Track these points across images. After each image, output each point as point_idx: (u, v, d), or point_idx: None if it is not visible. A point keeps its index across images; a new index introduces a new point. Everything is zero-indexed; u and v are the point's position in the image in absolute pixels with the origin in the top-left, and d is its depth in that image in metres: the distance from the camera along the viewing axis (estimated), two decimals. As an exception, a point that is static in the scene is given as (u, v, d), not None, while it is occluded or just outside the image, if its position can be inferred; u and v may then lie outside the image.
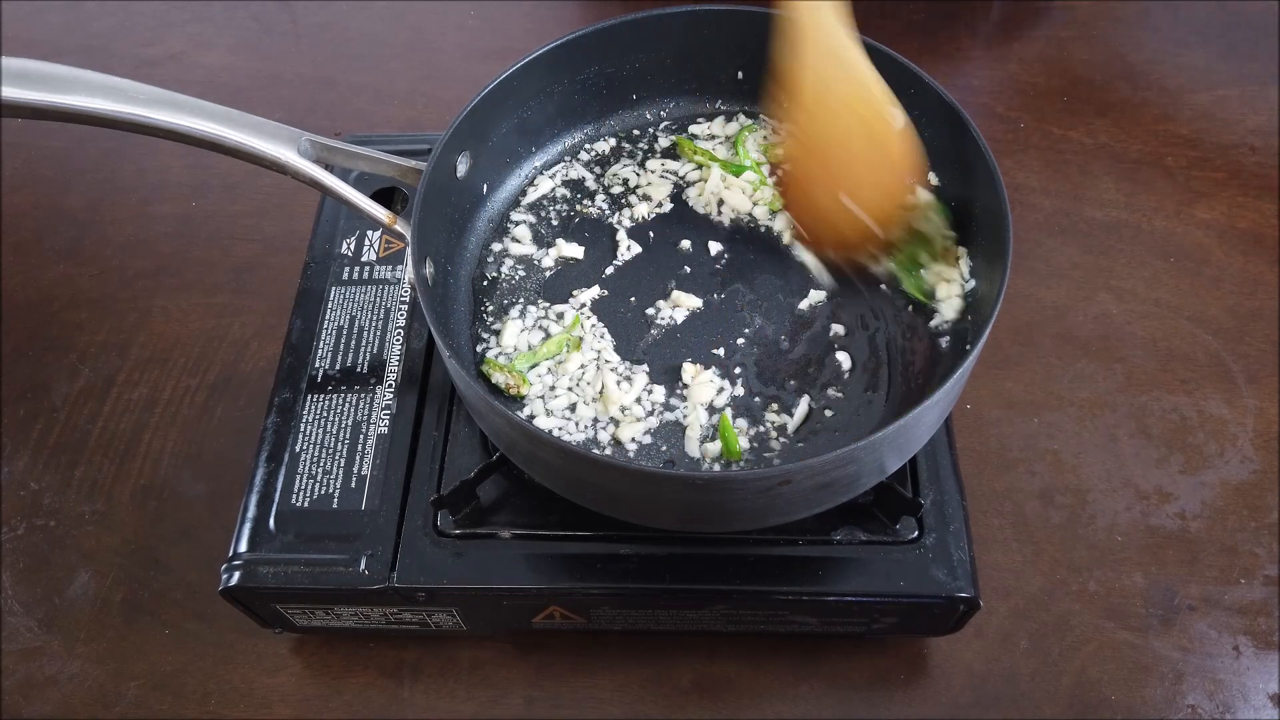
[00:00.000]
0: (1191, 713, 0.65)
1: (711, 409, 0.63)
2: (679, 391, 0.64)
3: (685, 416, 0.63)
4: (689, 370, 0.64)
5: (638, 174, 0.75)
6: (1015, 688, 0.66)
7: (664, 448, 0.62)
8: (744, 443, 0.61)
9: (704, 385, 0.63)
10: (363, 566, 0.61)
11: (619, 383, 0.64)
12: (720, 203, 0.73)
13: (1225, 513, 0.73)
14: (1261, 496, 0.74)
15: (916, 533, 0.61)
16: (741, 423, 0.62)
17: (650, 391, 0.64)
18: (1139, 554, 0.71)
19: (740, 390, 0.64)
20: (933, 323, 0.66)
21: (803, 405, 0.63)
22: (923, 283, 0.67)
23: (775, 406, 0.63)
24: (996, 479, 0.75)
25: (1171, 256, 0.87)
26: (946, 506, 0.62)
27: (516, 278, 0.70)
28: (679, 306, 0.68)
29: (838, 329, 0.66)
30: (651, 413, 0.63)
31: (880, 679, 0.67)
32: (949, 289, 0.66)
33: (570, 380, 0.64)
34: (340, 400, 0.67)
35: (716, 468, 0.61)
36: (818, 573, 0.60)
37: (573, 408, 0.63)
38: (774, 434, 0.62)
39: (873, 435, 0.51)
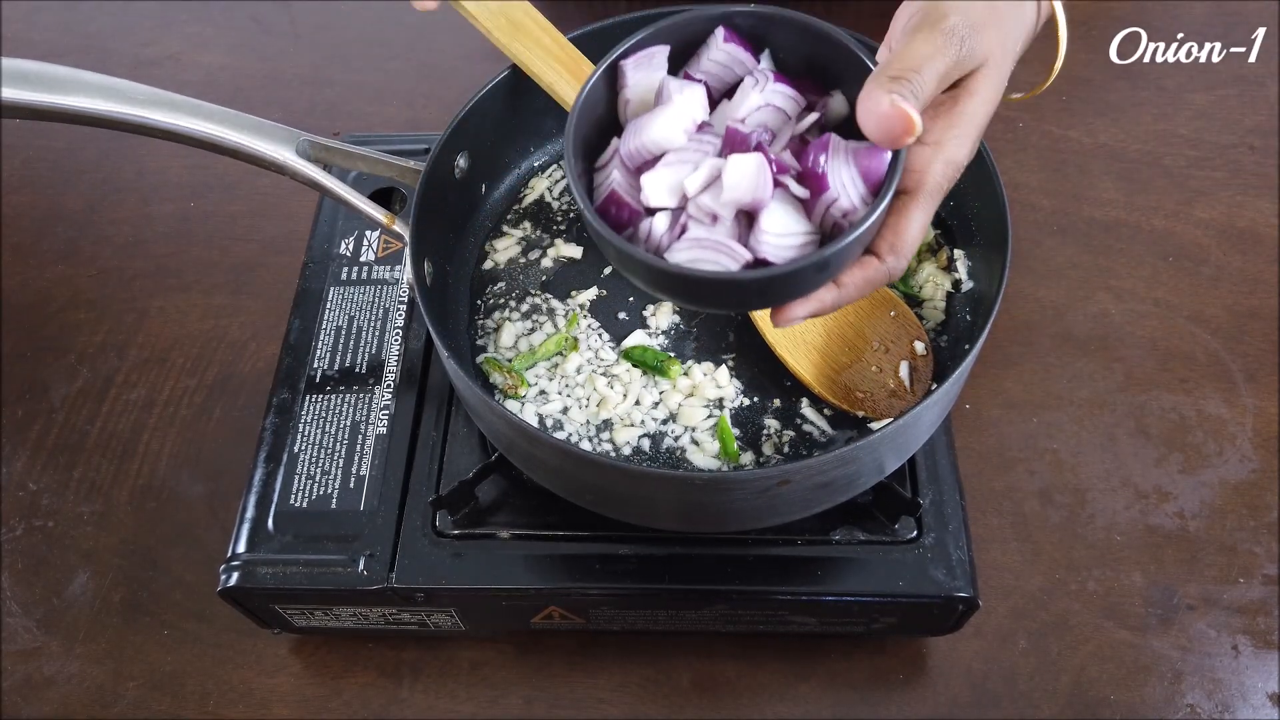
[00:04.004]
0: (1191, 712, 0.65)
1: (709, 410, 0.63)
2: (676, 393, 0.64)
3: (682, 418, 0.63)
4: (687, 371, 0.64)
5: (636, 174, 0.75)
6: (1014, 687, 0.66)
7: (661, 449, 0.62)
8: (742, 444, 0.61)
9: (702, 386, 0.63)
10: (361, 567, 0.60)
11: (613, 384, 0.64)
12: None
13: (1224, 512, 0.73)
14: (1260, 496, 0.74)
15: (915, 533, 0.61)
16: (740, 424, 0.62)
17: (647, 393, 0.64)
18: (1138, 553, 0.71)
19: (739, 391, 0.64)
20: (928, 324, 0.66)
21: (803, 405, 0.63)
22: (910, 286, 0.67)
23: (777, 403, 0.63)
24: (996, 478, 0.75)
25: (1170, 256, 0.87)
26: (945, 506, 0.62)
27: (515, 278, 0.70)
28: (677, 308, 0.68)
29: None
30: (648, 415, 0.63)
31: (879, 679, 0.67)
32: (934, 289, 0.66)
33: (567, 381, 0.64)
34: (339, 400, 0.67)
35: (715, 468, 0.61)
36: (817, 573, 0.60)
37: (567, 410, 0.63)
38: (773, 435, 0.62)
39: (872, 435, 0.51)
